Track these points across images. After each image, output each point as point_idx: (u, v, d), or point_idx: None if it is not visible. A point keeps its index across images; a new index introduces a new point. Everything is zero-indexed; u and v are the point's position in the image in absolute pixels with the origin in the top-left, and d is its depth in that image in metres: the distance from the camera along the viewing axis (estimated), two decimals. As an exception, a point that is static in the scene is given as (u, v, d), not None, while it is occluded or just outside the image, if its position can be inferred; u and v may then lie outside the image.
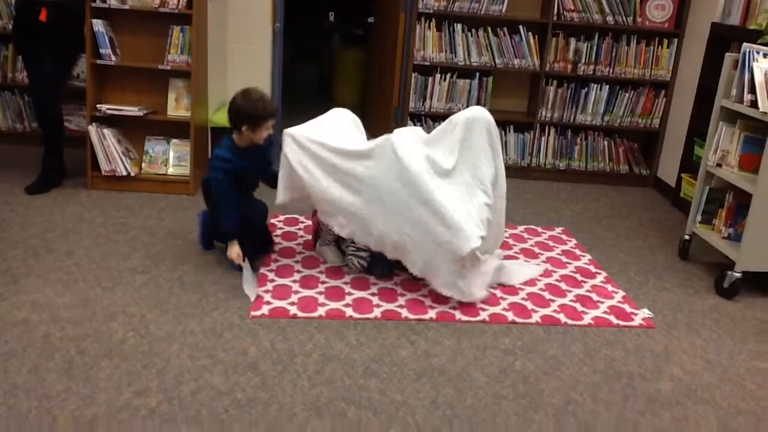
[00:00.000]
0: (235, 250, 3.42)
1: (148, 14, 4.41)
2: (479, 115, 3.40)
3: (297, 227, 4.22)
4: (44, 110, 4.39)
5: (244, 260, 3.42)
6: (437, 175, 3.30)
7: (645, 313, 3.45)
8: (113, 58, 4.43)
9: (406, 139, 3.38)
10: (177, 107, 4.62)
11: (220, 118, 5.01)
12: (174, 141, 4.66)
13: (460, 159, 3.36)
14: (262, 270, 3.58)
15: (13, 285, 3.24)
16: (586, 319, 3.33)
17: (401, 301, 3.37)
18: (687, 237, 4.15)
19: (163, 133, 4.66)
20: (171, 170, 4.66)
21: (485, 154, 3.39)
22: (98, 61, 4.42)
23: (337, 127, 3.66)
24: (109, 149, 4.47)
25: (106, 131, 4.47)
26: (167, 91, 4.61)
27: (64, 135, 4.57)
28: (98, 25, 4.35)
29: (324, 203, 3.49)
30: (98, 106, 4.47)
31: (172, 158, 4.66)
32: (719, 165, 3.87)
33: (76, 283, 3.32)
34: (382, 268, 3.58)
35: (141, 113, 4.47)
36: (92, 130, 4.45)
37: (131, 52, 4.54)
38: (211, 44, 4.80)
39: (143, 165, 4.65)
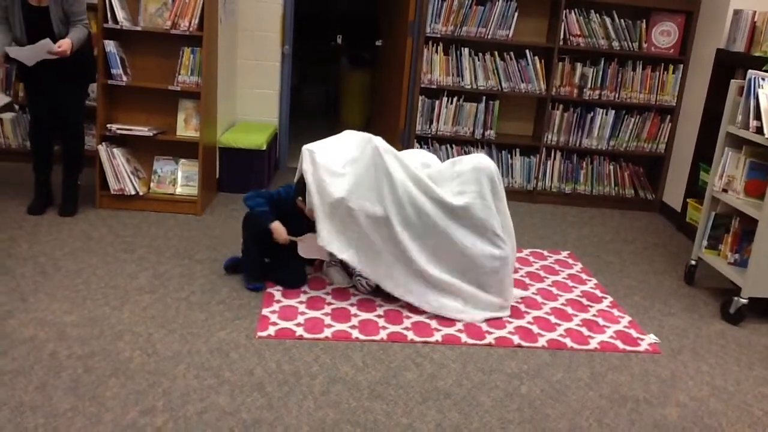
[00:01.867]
0: (280, 233, 3.55)
1: (159, 36, 4.47)
2: (484, 165, 3.49)
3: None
4: (75, 133, 4.45)
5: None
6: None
7: (651, 338, 3.44)
8: (124, 78, 4.48)
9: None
10: (186, 127, 4.66)
11: (228, 138, 5.06)
12: (182, 161, 4.70)
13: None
14: (269, 290, 3.59)
15: (22, 303, 3.26)
16: (593, 344, 3.33)
17: (407, 323, 3.38)
18: (693, 262, 4.15)
19: (172, 153, 4.70)
20: (179, 190, 4.69)
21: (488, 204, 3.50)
22: (109, 82, 4.47)
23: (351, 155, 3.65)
24: (119, 168, 4.51)
25: (116, 151, 4.51)
26: (177, 111, 4.66)
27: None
28: (110, 45, 4.40)
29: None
30: (108, 125, 4.52)
31: (180, 178, 4.69)
32: (725, 190, 3.89)
33: (84, 301, 3.33)
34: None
35: (150, 133, 4.51)
36: (102, 149, 4.49)
37: (142, 73, 4.60)
38: (220, 66, 4.86)
39: (152, 184, 4.69)
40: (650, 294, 4.00)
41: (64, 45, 3.98)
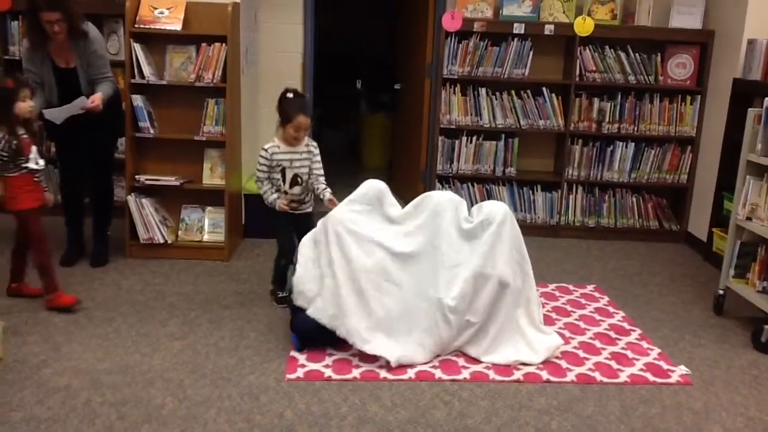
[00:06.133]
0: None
1: (184, 88, 4.61)
2: (506, 210, 3.53)
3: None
4: (104, 186, 4.60)
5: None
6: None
7: (682, 369, 3.41)
8: (151, 131, 4.62)
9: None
10: (212, 176, 4.77)
11: (253, 185, 5.15)
12: (209, 208, 4.79)
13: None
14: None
15: (55, 352, 3.33)
16: (622, 377, 3.30)
17: (435, 361, 3.38)
18: (721, 292, 4.12)
19: (199, 201, 4.80)
20: (206, 237, 4.78)
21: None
22: (137, 134, 4.61)
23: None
24: (147, 218, 4.61)
25: (144, 201, 4.62)
26: (202, 160, 4.78)
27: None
28: (137, 100, 4.56)
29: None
30: (137, 176, 4.64)
31: (207, 225, 4.79)
32: (749, 219, 3.87)
33: (116, 349, 3.40)
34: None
35: (178, 183, 4.63)
36: (131, 200, 4.60)
37: (168, 124, 4.74)
38: (243, 114, 4.99)
39: (179, 232, 4.78)
40: (679, 325, 3.97)
41: (97, 100, 4.13)
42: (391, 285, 3.41)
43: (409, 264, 3.46)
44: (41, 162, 3.76)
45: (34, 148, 3.72)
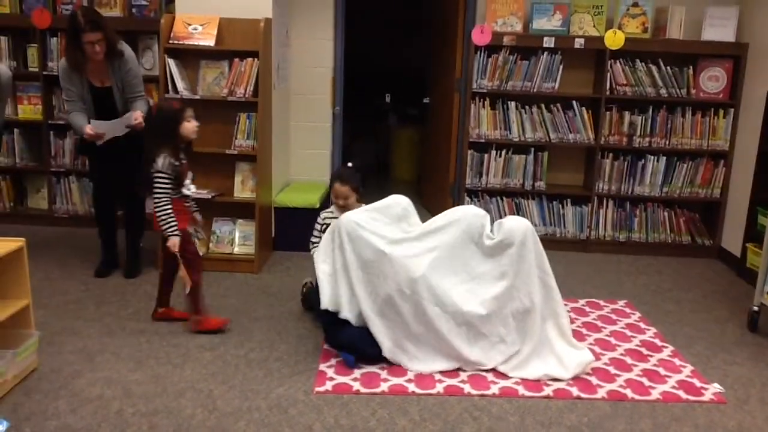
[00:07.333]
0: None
1: (217, 103, 4.69)
2: (526, 228, 3.49)
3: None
4: (137, 199, 4.67)
5: None
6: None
7: (715, 387, 3.35)
8: (184, 144, 4.69)
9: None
10: (243, 189, 4.83)
11: (282, 198, 5.21)
12: (239, 221, 4.85)
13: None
14: (325, 346, 3.64)
15: (89, 362, 3.39)
16: (654, 395, 3.26)
17: (463, 376, 3.37)
18: (755, 308, 4.05)
19: (230, 214, 4.86)
20: (237, 249, 4.83)
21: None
22: (170, 148, 4.68)
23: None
24: (179, 230, 4.67)
25: (177, 213, 4.68)
26: (234, 174, 4.84)
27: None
28: (171, 114, 4.63)
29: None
30: (169, 189, 4.71)
31: (237, 238, 4.84)
32: (784, 234, 3.81)
33: (147, 359, 3.44)
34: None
35: (209, 196, 4.69)
36: (163, 212, 4.67)
37: (200, 138, 4.75)
38: (274, 129, 5.05)
39: (211, 245, 4.84)
40: (712, 343, 3.91)
41: (139, 117, 4.22)
42: (409, 297, 3.39)
43: (428, 275, 3.41)
44: (193, 188, 3.77)
45: (190, 174, 3.74)
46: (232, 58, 4.67)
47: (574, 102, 5.43)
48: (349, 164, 4.12)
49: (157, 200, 3.58)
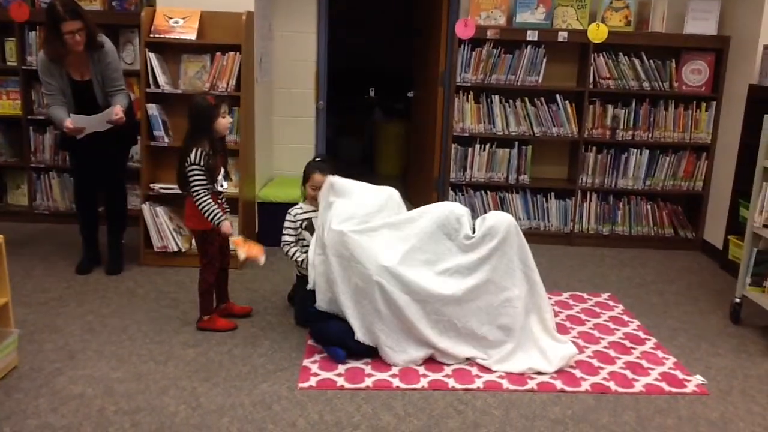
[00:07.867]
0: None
1: (198, 97, 4.63)
2: (509, 223, 3.49)
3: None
4: (118, 194, 4.64)
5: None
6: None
7: (698, 379, 3.37)
8: (166, 139, 4.66)
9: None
10: (226, 184, 4.78)
11: (266, 193, 5.17)
12: (223, 217, 4.80)
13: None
14: (309, 342, 3.63)
15: (70, 360, 3.35)
16: (637, 387, 3.27)
17: (448, 370, 3.37)
18: (738, 300, 4.08)
19: (213, 210, 4.81)
20: (220, 245, 4.79)
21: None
22: (152, 143, 4.64)
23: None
24: (161, 226, 4.64)
25: (159, 209, 4.65)
26: (216, 169, 4.79)
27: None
28: (152, 109, 4.59)
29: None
30: (151, 185, 4.67)
31: (220, 233, 4.80)
32: (765, 226, 3.83)
33: (130, 357, 3.41)
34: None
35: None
36: (146, 208, 4.63)
37: (183, 133, 4.72)
38: (257, 123, 5.01)
39: (193, 241, 4.79)
40: (695, 334, 3.93)
41: (120, 112, 4.16)
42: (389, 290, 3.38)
43: (399, 265, 3.40)
44: (225, 185, 3.74)
45: (222, 170, 3.70)
46: (214, 52, 4.62)
47: (557, 95, 5.43)
48: (317, 158, 4.06)
49: (195, 193, 3.56)
